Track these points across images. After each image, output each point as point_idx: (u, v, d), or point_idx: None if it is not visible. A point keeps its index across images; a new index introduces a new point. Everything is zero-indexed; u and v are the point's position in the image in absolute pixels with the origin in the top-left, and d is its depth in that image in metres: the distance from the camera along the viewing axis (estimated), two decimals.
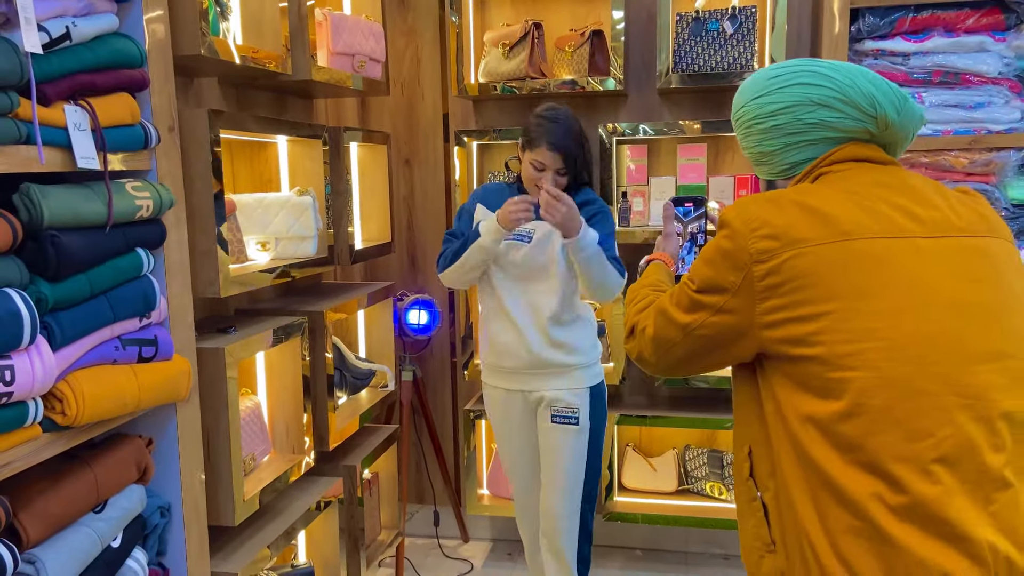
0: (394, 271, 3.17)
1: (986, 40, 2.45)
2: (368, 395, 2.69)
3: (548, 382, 2.16)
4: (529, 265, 2.11)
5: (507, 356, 2.17)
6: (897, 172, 1.18)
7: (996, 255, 1.11)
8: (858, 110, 1.18)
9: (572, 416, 2.16)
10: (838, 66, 1.23)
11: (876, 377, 1.02)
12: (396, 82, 3.08)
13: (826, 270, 1.06)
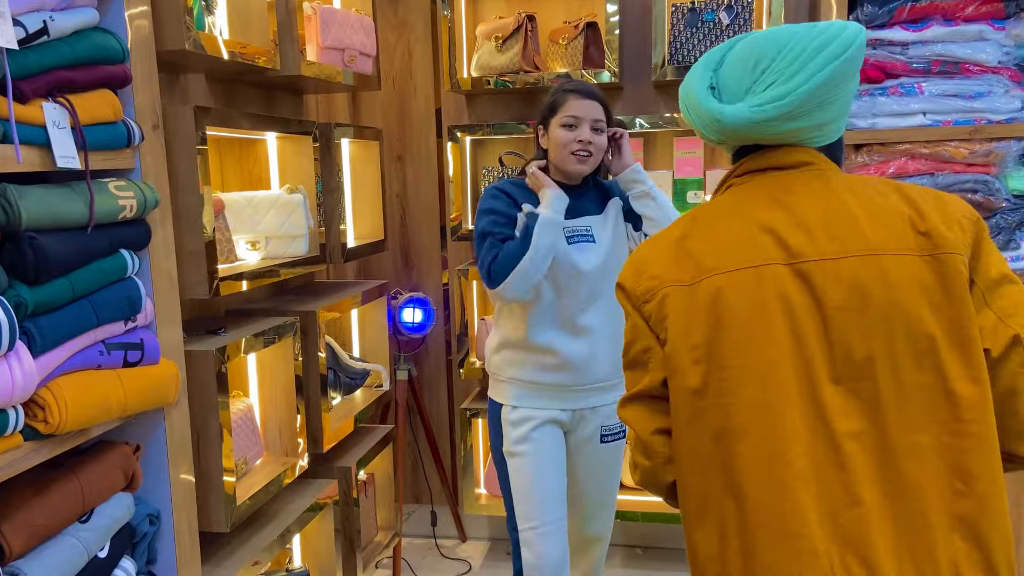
0: (388, 269, 3.13)
1: (985, 29, 2.42)
2: (363, 395, 2.65)
3: (605, 396, 1.96)
4: (603, 271, 1.90)
5: (571, 372, 1.91)
6: (804, 179, 1.11)
7: (888, 274, 1.04)
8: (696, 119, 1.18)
9: (622, 431, 2.00)
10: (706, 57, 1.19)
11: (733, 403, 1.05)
12: (387, 77, 3.04)
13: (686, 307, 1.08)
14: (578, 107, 1.86)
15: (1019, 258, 2.45)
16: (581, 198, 1.95)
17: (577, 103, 1.86)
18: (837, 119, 1.15)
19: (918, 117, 2.49)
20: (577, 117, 1.86)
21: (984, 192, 2.46)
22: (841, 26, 1.12)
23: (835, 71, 1.09)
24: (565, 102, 1.87)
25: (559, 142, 1.87)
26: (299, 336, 2.10)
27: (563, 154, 1.87)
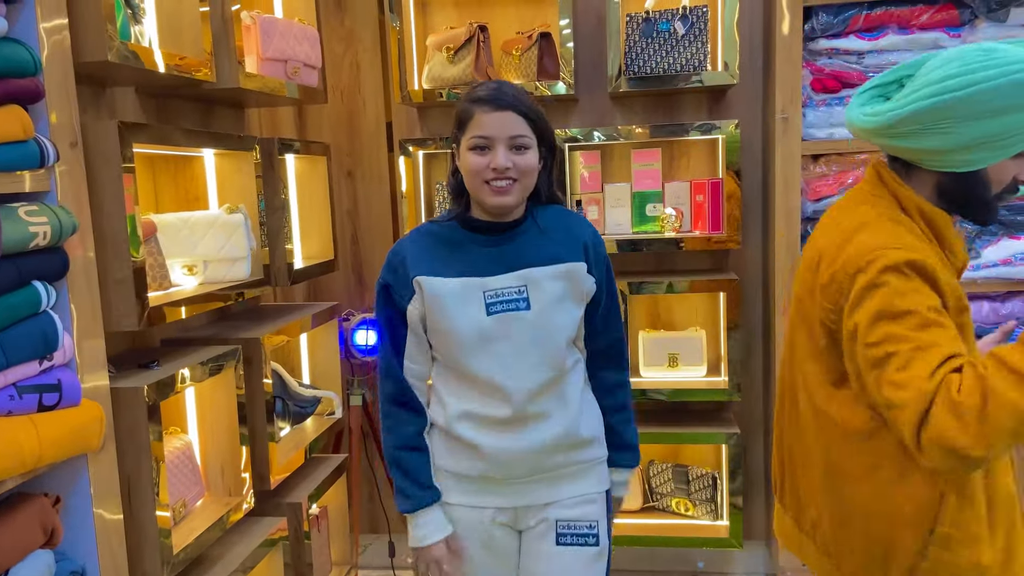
0: (339, 290, 3.00)
1: (941, 37, 2.41)
2: (314, 424, 2.51)
3: (557, 489, 1.54)
4: (537, 337, 1.48)
5: (494, 463, 1.50)
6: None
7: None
8: None
9: (590, 533, 1.54)
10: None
11: None
12: (335, 90, 2.92)
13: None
14: (489, 123, 1.42)
15: (980, 267, 2.44)
16: (515, 239, 1.50)
17: (487, 118, 1.42)
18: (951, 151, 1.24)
19: None
20: (487, 137, 1.42)
21: None
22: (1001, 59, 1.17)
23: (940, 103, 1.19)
24: (472, 117, 1.44)
25: (469, 169, 1.45)
26: (242, 365, 1.97)
27: (475, 184, 1.45)
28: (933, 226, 1.30)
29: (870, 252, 1.22)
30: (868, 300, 1.21)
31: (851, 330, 1.24)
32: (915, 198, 1.30)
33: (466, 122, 1.45)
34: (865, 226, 1.28)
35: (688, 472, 2.80)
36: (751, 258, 2.79)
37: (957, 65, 1.20)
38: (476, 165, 1.43)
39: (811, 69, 2.48)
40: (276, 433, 2.16)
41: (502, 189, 1.43)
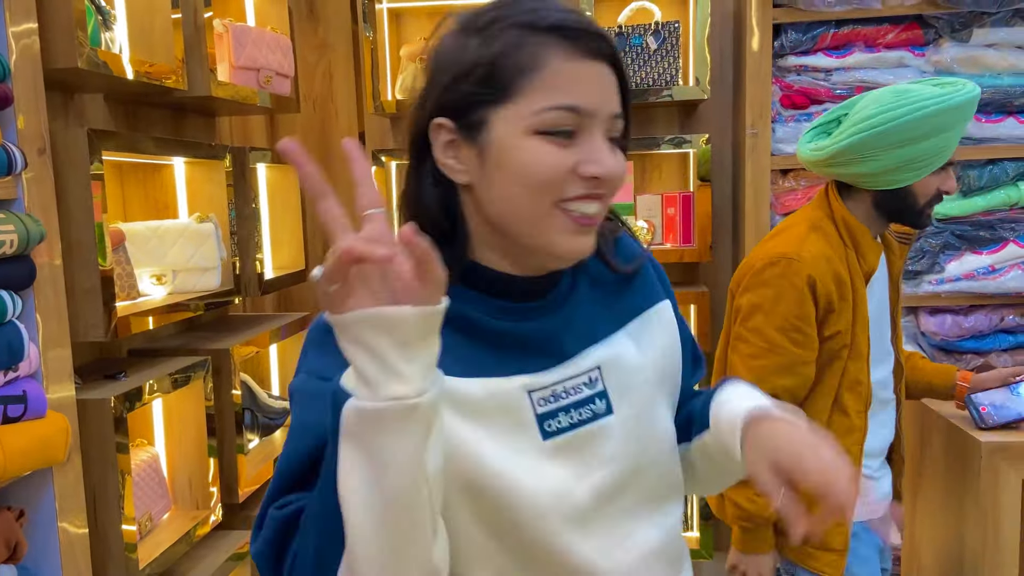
0: (310, 300, 2.97)
1: (906, 55, 2.46)
2: (283, 436, 2.48)
3: None
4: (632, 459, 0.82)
5: None
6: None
7: None
8: None
9: None
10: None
11: None
12: (307, 99, 2.90)
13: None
14: (583, 80, 0.75)
15: (943, 281, 2.49)
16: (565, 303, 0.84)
17: (576, 69, 0.75)
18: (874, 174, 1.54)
19: None
20: (580, 109, 0.75)
21: None
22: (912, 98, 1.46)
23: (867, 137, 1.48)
24: (546, 62, 0.74)
25: (534, 172, 0.74)
26: (211, 376, 1.94)
27: (539, 206, 0.75)
28: (852, 234, 1.59)
29: (772, 254, 1.56)
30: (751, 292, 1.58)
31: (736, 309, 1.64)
32: (842, 211, 1.60)
33: (524, 73, 0.74)
34: (785, 230, 1.64)
35: None
36: (722, 270, 2.82)
37: (875, 107, 1.48)
38: (552, 166, 0.74)
39: (780, 85, 2.53)
40: (245, 445, 2.14)
41: (590, 220, 0.76)
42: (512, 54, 0.74)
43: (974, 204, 2.47)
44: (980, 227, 2.49)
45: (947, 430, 1.80)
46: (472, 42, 0.76)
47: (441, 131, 0.77)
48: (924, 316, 2.54)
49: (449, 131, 0.77)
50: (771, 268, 1.54)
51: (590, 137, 0.75)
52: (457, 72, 0.76)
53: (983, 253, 2.48)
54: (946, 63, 2.44)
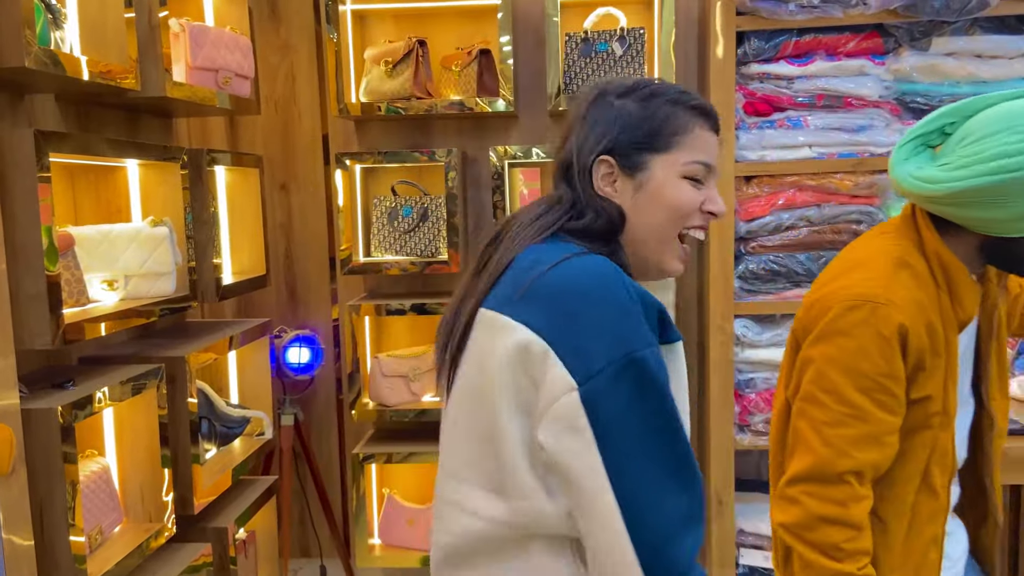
0: (271, 306, 2.92)
1: (866, 64, 2.49)
2: (242, 445, 2.43)
3: None
4: None
5: None
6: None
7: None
8: None
9: None
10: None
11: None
12: (269, 101, 2.86)
13: None
14: (713, 147, 1.07)
15: None
16: None
17: (711, 139, 1.06)
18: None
19: (804, 150, 2.53)
20: (710, 166, 1.06)
21: (868, 223, 2.52)
22: None
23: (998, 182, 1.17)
24: (691, 131, 1.03)
25: (679, 204, 1.03)
26: (164, 384, 1.89)
27: (672, 228, 1.04)
28: (947, 274, 1.29)
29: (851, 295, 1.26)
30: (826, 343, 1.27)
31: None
32: (937, 245, 1.28)
33: (678, 136, 1.02)
34: (861, 264, 1.31)
35: None
36: (687, 276, 2.83)
37: (1015, 138, 1.17)
38: (691, 201, 1.02)
39: (744, 92, 2.54)
40: (201, 455, 2.09)
41: (688, 257, 1.09)
42: (671, 120, 1.03)
43: None
44: None
45: None
46: (632, 106, 1.05)
47: (603, 165, 1.05)
48: None
49: (609, 166, 1.05)
50: (851, 313, 1.23)
51: (710, 185, 1.07)
52: (624, 125, 1.04)
53: None
54: (906, 71, 2.47)
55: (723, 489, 2.60)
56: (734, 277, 2.54)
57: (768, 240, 2.54)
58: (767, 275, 2.54)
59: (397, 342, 2.88)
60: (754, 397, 2.59)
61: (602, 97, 1.07)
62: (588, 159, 1.05)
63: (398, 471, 2.87)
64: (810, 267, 2.52)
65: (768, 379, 2.58)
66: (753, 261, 2.54)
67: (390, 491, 2.79)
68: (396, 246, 2.74)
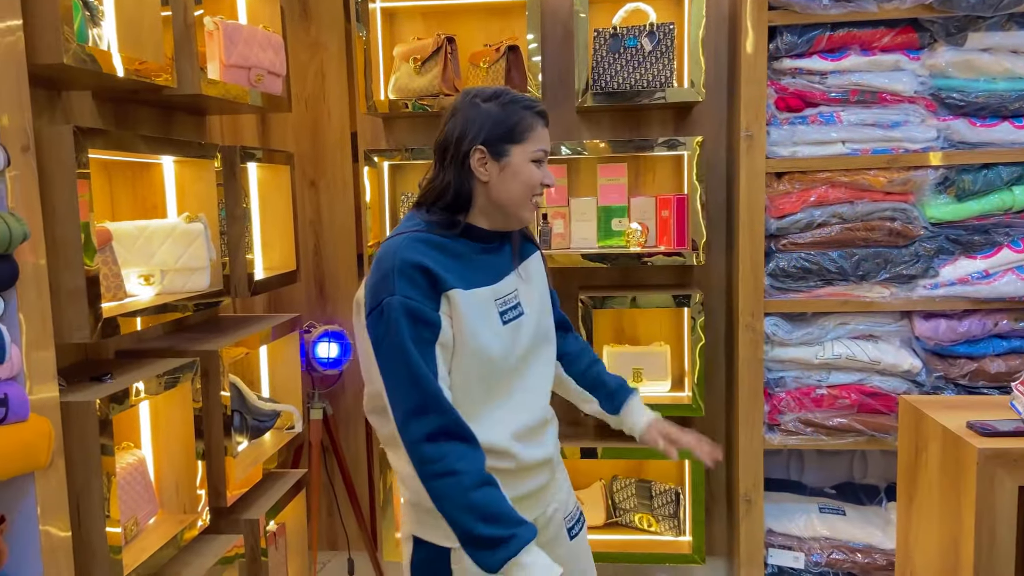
0: (300, 301, 2.95)
1: (901, 59, 2.46)
2: (273, 438, 2.46)
3: (561, 481, 1.62)
4: (536, 336, 1.52)
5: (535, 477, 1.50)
6: None
7: None
8: None
9: (580, 514, 1.67)
10: None
11: None
12: (299, 98, 2.88)
13: None
14: (546, 138, 1.47)
15: (937, 285, 2.48)
16: (499, 250, 1.51)
17: (544, 133, 1.47)
18: None
19: (837, 146, 2.51)
20: (546, 152, 1.47)
21: (902, 220, 2.49)
22: None
23: None
24: (533, 129, 1.44)
25: (525, 181, 1.43)
26: (199, 378, 1.92)
27: (523, 196, 1.44)
28: None
29: None
30: None
31: None
32: None
33: (526, 132, 1.43)
34: None
35: (651, 488, 2.79)
36: (715, 274, 2.81)
37: None
38: (535, 178, 1.45)
39: (775, 88, 2.51)
40: (233, 448, 2.11)
41: (537, 205, 1.50)
42: (523, 121, 1.44)
43: (968, 208, 2.46)
44: (974, 231, 2.48)
45: (943, 436, 1.79)
46: (496, 109, 1.44)
47: (477, 153, 1.43)
48: (918, 320, 2.53)
49: (482, 154, 1.44)
50: None
51: (544, 164, 1.49)
52: (491, 124, 1.43)
53: (977, 258, 2.47)
54: (941, 67, 2.43)
55: (752, 489, 2.58)
56: (764, 275, 2.52)
57: (799, 237, 2.52)
58: (798, 273, 2.52)
59: None
60: (784, 396, 2.57)
61: (472, 99, 1.46)
62: (465, 147, 1.43)
63: None
64: (842, 265, 2.50)
65: (798, 378, 2.56)
66: (784, 258, 2.52)
67: None
68: None
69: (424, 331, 1.33)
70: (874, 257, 2.49)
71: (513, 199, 1.44)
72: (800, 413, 2.57)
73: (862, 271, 2.50)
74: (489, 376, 1.42)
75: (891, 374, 2.54)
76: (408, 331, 1.32)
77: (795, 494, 2.81)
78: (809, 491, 2.82)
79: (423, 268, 1.35)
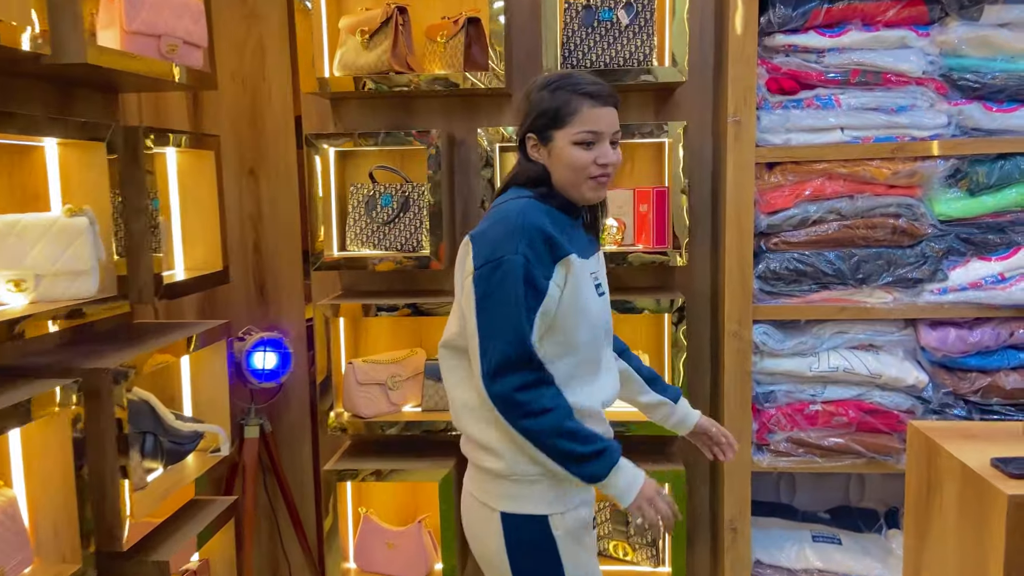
0: (238, 305, 2.65)
1: (908, 35, 2.18)
2: (197, 462, 2.17)
3: None
4: (609, 320, 1.65)
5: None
6: None
7: None
8: None
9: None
10: None
11: None
12: (236, 77, 2.58)
13: None
14: (598, 118, 1.48)
15: (946, 291, 2.21)
16: (582, 228, 1.61)
17: (596, 113, 1.48)
18: None
19: (836, 133, 2.23)
20: (597, 132, 1.49)
21: (908, 217, 2.22)
22: None
23: None
24: (579, 111, 1.48)
25: (573, 164, 1.49)
26: (82, 401, 1.61)
27: (579, 179, 1.50)
28: None
29: None
30: None
31: None
32: None
33: (570, 115, 1.48)
34: None
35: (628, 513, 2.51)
36: (699, 276, 2.53)
37: None
38: (582, 160, 1.48)
39: (767, 67, 2.23)
40: (138, 478, 1.82)
41: (603, 184, 1.52)
42: (566, 105, 1.49)
43: (982, 204, 2.21)
44: (989, 230, 2.23)
45: (962, 474, 1.51)
46: (545, 95, 1.51)
47: (530, 140, 1.54)
48: (924, 329, 2.26)
49: (534, 140, 1.53)
50: None
51: (602, 144, 1.51)
52: (538, 111, 1.51)
53: (991, 259, 2.21)
54: (953, 44, 2.16)
55: (738, 516, 2.30)
56: (753, 277, 2.24)
57: (792, 236, 2.24)
58: (791, 275, 2.25)
59: (376, 346, 2.60)
60: (774, 412, 2.29)
61: (533, 90, 1.54)
62: (520, 135, 1.55)
63: (376, 489, 2.60)
64: (840, 266, 2.22)
65: (790, 392, 2.29)
66: (775, 259, 2.25)
67: (367, 511, 2.52)
68: (374, 239, 2.46)
69: (532, 296, 1.43)
70: (875, 258, 2.22)
71: (566, 181, 1.51)
72: (792, 432, 2.30)
73: (862, 274, 2.23)
74: (587, 347, 1.52)
75: (893, 389, 2.27)
76: (521, 290, 1.41)
77: (785, 519, 2.54)
78: (801, 515, 2.56)
79: (546, 235, 1.45)
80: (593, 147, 1.49)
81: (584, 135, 1.48)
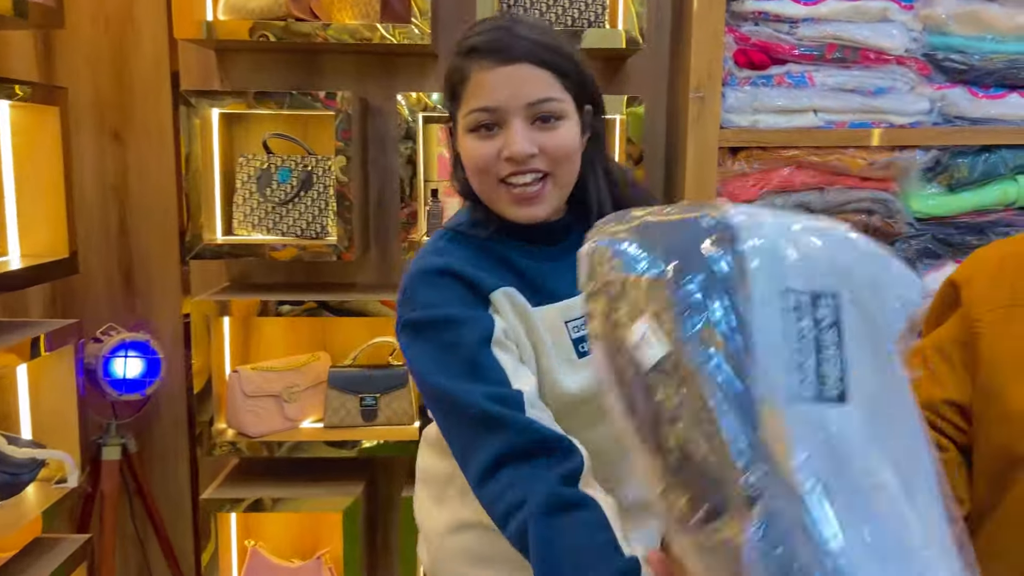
0: (98, 298, 2.18)
1: (891, 7, 1.93)
2: (39, 495, 1.76)
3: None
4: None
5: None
6: None
7: None
8: None
9: None
10: None
11: None
12: (96, 18, 2.10)
13: None
14: (492, 86, 0.97)
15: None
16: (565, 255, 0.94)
17: (487, 78, 0.97)
18: None
19: (808, 115, 1.97)
20: (492, 109, 0.98)
21: (882, 214, 1.99)
22: None
23: None
24: (467, 78, 0.99)
25: (470, 164, 1.02)
26: None
27: (484, 185, 1.02)
28: None
29: None
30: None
31: None
32: None
33: (459, 87, 1.01)
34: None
35: None
36: None
37: None
38: (480, 156, 1.00)
39: (735, 36, 1.95)
40: None
41: (525, 199, 1.01)
42: (454, 73, 1.02)
43: (961, 201, 2.01)
44: (968, 231, 2.03)
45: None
46: (450, 59, 1.04)
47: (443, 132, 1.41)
48: None
49: (448, 133, 1.09)
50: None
51: (509, 126, 0.98)
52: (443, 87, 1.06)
53: None
54: (939, 19, 1.93)
55: None
56: None
57: None
58: None
59: (269, 350, 2.19)
60: None
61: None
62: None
63: (268, 518, 2.21)
64: None
65: None
66: None
67: (255, 543, 2.13)
68: (268, 221, 2.06)
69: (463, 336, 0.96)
70: None
71: (479, 192, 1.04)
72: None
73: None
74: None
75: None
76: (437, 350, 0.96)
77: None
78: None
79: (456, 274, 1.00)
80: (495, 132, 0.99)
81: (476, 116, 0.99)
